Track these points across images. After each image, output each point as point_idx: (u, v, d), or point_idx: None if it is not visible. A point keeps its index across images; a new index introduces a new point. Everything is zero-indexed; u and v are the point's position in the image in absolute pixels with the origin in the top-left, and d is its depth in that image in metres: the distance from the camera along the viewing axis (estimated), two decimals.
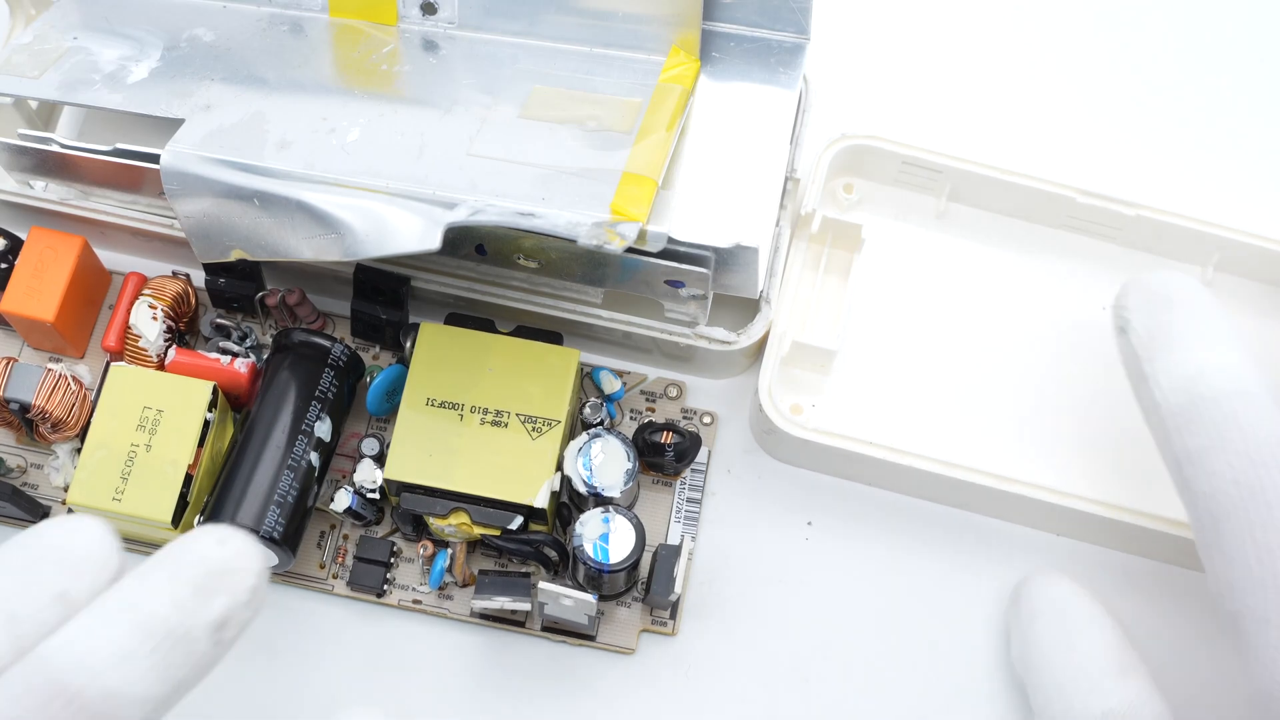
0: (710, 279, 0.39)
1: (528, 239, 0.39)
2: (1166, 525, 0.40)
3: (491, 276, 0.42)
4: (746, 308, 0.42)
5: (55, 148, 0.40)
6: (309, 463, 0.40)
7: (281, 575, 0.41)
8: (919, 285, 0.45)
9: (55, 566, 0.30)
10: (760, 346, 0.42)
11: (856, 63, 0.48)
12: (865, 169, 0.45)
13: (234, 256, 0.39)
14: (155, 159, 0.38)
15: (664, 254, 0.38)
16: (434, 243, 0.36)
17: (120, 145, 0.39)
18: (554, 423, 0.40)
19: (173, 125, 0.39)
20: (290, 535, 0.39)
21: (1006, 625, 0.42)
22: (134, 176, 0.40)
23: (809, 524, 0.43)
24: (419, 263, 0.42)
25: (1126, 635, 0.39)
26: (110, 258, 0.44)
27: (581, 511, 0.39)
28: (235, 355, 0.41)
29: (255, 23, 0.42)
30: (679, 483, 0.43)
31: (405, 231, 0.36)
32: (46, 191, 0.42)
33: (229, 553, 0.31)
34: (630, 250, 0.37)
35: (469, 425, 0.40)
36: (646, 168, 0.38)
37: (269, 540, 0.39)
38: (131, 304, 0.41)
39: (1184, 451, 0.35)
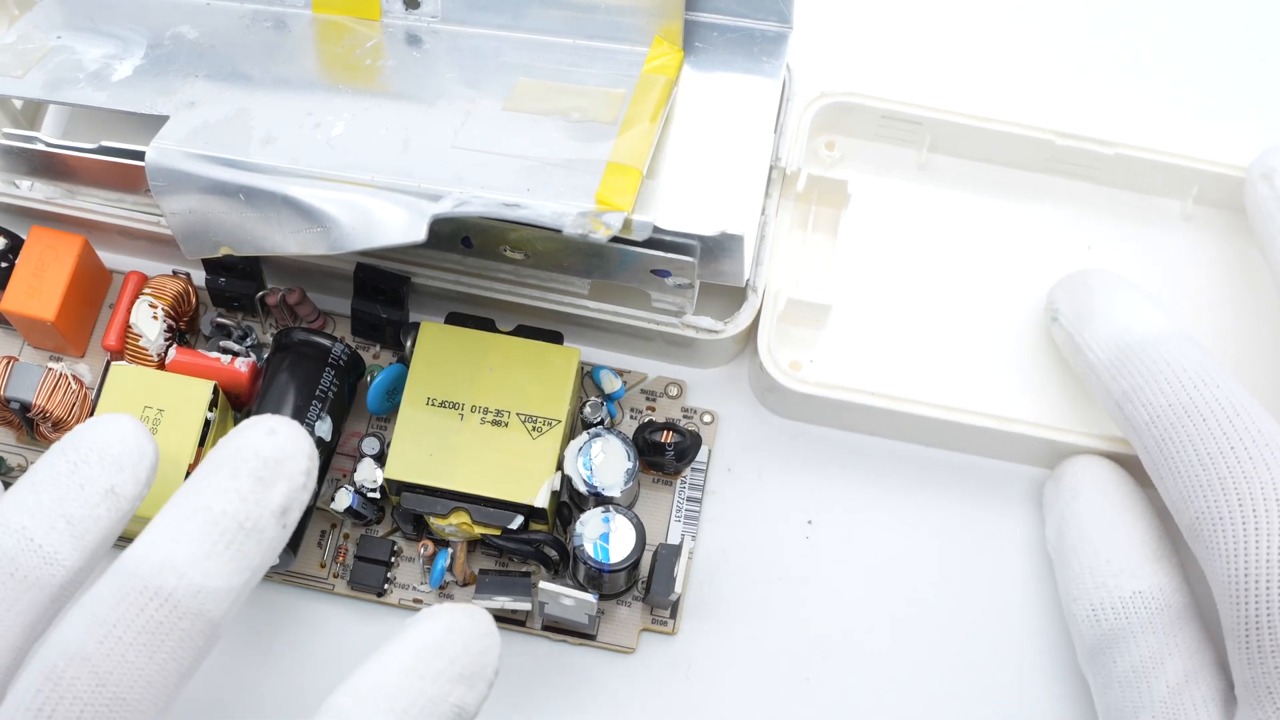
0: (696, 268, 0.39)
1: (514, 231, 0.39)
2: None
3: (481, 270, 0.42)
4: (734, 296, 0.42)
5: (40, 146, 0.40)
6: None
7: (282, 575, 0.41)
8: (905, 236, 0.45)
9: (99, 466, 0.33)
10: (749, 334, 0.43)
11: (831, 21, 0.48)
12: (846, 126, 0.46)
13: (221, 252, 0.39)
14: (140, 156, 0.38)
15: (650, 243, 0.38)
16: (419, 235, 0.36)
17: (105, 143, 0.39)
18: (554, 422, 0.40)
19: (157, 122, 0.39)
20: (291, 536, 0.39)
21: (1044, 502, 0.43)
22: (119, 174, 0.40)
23: (809, 522, 0.43)
24: (419, 259, 0.42)
25: (1164, 525, 0.40)
26: (110, 257, 0.44)
27: (582, 511, 0.39)
28: (236, 354, 0.41)
29: (239, 19, 0.42)
30: (679, 482, 0.43)
31: (391, 224, 0.36)
32: (33, 191, 0.42)
33: (281, 441, 0.33)
34: (616, 240, 0.37)
35: (469, 425, 0.40)
36: (631, 158, 0.38)
37: None
38: (132, 303, 0.41)
39: (1121, 394, 0.39)
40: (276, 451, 0.33)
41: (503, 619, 0.41)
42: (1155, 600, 0.39)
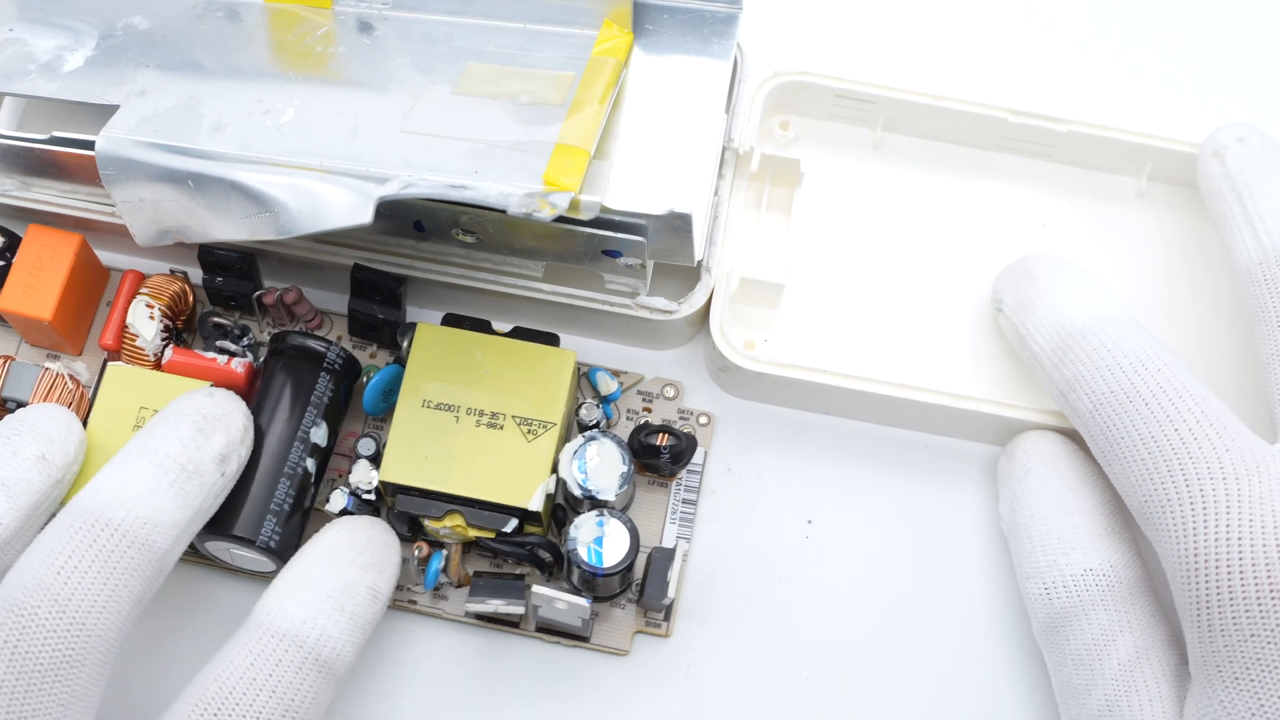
0: (647, 248, 0.39)
1: (464, 213, 0.39)
2: None
3: (435, 255, 0.42)
4: (689, 277, 0.43)
5: None
6: (305, 469, 0.40)
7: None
8: (860, 215, 0.46)
9: (30, 437, 0.37)
10: (704, 314, 0.43)
11: (784, 0, 0.49)
12: (800, 105, 0.46)
13: (173, 240, 0.39)
14: (91, 146, 0.39)
15: (600, 224, 0.39)
16: (365, 217, 0.36)
17: (57, 133, 0.40)
18: (550, 425, 0.40)
19: (109, 112, 0.39)
20: (286, 543, 0.39)
21: (998, 479, 0.43)
22: (71, 164, 0.40)
23: (809, 522, 0.43)
24: (383, 246, 0.42)
25: (1115, 501, 0.40)
26: (109, 256, 0.44)
27: (577, 514, 0.39)
28: (233, 355, 0.41)
29: (190, 9, 0.43)
30: (675, 484, 0.43)
31: (338, 207, 0.36)
32: None
33: (219, 400, 0.38)
34: (564, 220, 0.37)
35: (465, 427, 0.40)
36: (579, 139, 0.38)
37: (266, 550, 0.39)
38: (129, 302, 0.41)
39: (1064, 383, 0.39)
40: (214, 408, 0.37)
41: (496, 621, 0.41)
42: (1106, 577, 0.39)
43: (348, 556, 0.37)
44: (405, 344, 0.41)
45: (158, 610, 0.41)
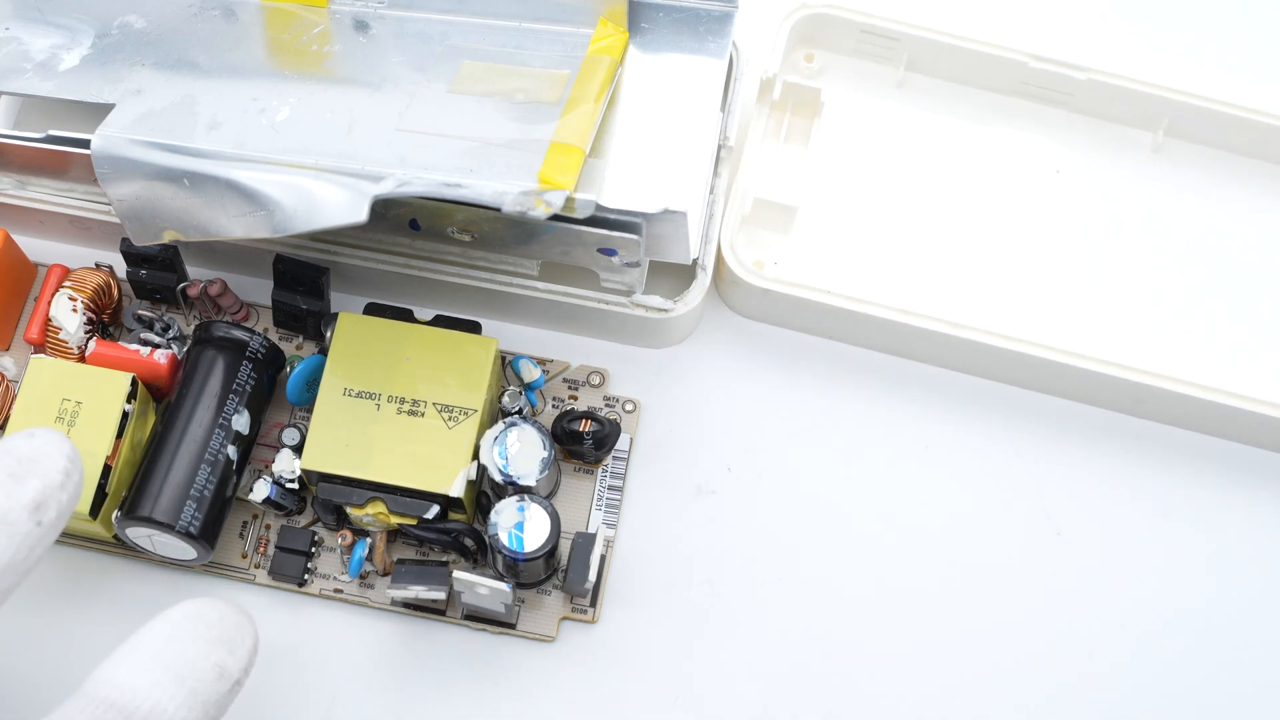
0: (642, 246, 0.39)
1: (460, 212, 0.39)
2: (1105, 367, 0.42)
3: (431, 253, 0.42)
4: (685, 275, 0.43)
5: None
6: (226, 456, 0.40)
7: (204, 566, 0.41)
8: (878, 152, 0.46)
9: None
10: (700, 314, 0.43)
11: None
12: (825, 39, 0.47)
13: (167, 238, 0.39)
14: (87, 144, 0.39)
15: (596, 222, 0.39)
16: (361, 215, 0.36)
17: (53, 132, 0.40)
18: (470, 412, 0.40)
19: (105, 111, 0.39)
20: (207, 529, 0.39)
21: None
22: (68, 162, 0.40)
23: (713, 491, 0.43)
24: (370, 243, 0.42)
25: None
26: (39, 246, 0.44)
27: (500, 500, 0.39)
28: (156, 346, 0.41)
29: (186, 8, 0.43)
30: (600, 471, 0.43)
31: (333, 205, 0.36)
32: None
33: (37, 442, 0.33)
34: (559, 218, 0.37)
35: (385, 415, 0.39)
36: (574, 137, 0.38)
37: (185, 535, 0.38)
38: (53, 296, 0.41)
39: None
40: (32, 451, 0.33)
41: (421, 608, 0.41)
42: None
43: (194, 630, 0.34)
44: (329, 333, 0.41)
45: (80, 601, 0.41)
